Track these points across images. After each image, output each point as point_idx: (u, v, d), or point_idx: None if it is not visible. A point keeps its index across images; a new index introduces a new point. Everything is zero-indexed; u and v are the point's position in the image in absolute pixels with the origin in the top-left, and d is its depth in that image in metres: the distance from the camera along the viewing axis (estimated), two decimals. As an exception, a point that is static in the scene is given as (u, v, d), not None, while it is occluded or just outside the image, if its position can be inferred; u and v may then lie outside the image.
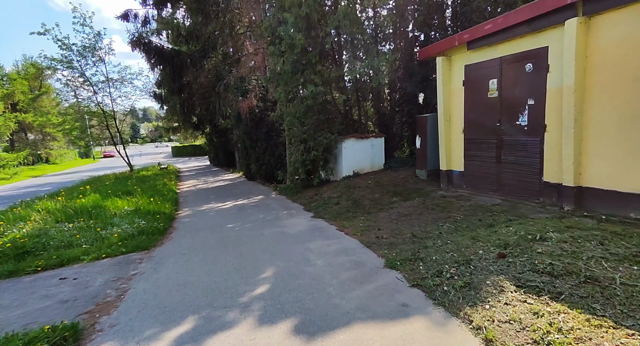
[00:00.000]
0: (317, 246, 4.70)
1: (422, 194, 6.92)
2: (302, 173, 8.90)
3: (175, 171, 20.11)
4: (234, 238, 5.40)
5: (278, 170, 11.49)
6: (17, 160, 24.18)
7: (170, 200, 8.80)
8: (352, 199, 7.17)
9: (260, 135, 11.58)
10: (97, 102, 16.52)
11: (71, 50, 14.86)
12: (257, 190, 10.91)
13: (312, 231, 5.53)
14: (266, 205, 8.18)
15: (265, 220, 6.62)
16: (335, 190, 8.24)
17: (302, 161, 8.79)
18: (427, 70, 10.24)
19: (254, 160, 12.10)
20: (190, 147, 42.81)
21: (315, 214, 6.72)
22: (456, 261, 3.38)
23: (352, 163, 9.37)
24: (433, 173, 8.01)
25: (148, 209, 7.15)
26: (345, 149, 9.19)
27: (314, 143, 8.71)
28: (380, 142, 9.73)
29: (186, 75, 13.93)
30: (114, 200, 7.49)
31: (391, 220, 5.62)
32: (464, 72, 6.52)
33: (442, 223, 5.05)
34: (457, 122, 6.83)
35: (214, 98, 13.12)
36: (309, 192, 8.85)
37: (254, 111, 11.50)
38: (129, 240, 5.29)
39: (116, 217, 6.42)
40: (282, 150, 11.32)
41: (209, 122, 19.47)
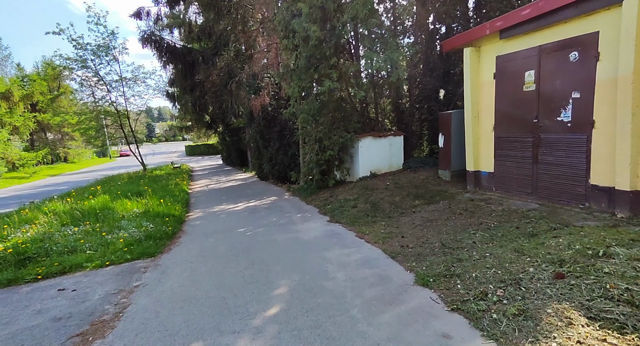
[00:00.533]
0: (335, 255, 4.26)
1: (447, 197, 6.38)
2: (316, 174, 8.47)
3: (188, 170, 20.06)
4: (245, 245, 5.03)
5: (291, 170, 11.11)
6: (36, 159, 24.73)
7: (181, 201, 8.54)
8: (371, 202, 6.69)
9: (273, 134, 11.22)
10: (111, 101, 16.58)
11: (85, 49, 14.91)
12: (270, 191, 10.56)
13: (329, 237, 5.09)
14: (279, 207, 7.80)
15: (278, 223, 6.23)
16: (352, 191, 7.78)
17: (316, 161, 8.37)
18: (449, 64, 9.65)
19: (267, 160, 11.76)
20: (203, 146, 43.06)
21: (331, 218, 6.28)
22: (502, 281, 2.88)
23: (369, 164, 8.88)
24: (458, 174, 7.45)
25: (157, 211, 6.88)
26: (362, 148, 8.71)
27: (329, 143, 8.27)
28: (398, 140, 9.20)
29: (198, 73, 13.73)
30: (123, 202, 7.26)
31: (415, 226, 5.13)
32: (495, 64, 5.94)
33: (474, 231, 4.52)
34: (486, 119, 6.25)
35: (226, 97, 12.85)
36: (324, 194, 8.42)
37: (267, 109, 11.14)
38: (135, 246, 4.99)
39: (124, 220, 6.16)
40: (295, 150, 10.93)
41: (222, 121, 19.30)
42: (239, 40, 13.17)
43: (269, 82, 10.98)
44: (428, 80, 9.40)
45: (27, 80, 28.69)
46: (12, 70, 29.30)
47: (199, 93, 13.43)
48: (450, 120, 7.37)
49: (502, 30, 5.67)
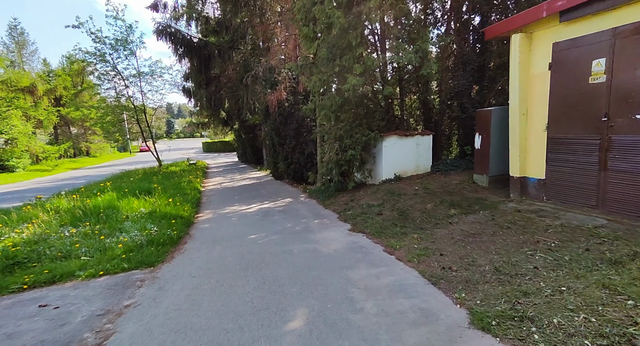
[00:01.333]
0: (361, 276, 3.56)
1: (488, 206, 5.54)
2: (336, 175, 7.78)
3: (203, 167, 19.82)
4: (256, 256, 4.40)
5: (308, 170, 10.46)
6: (59, 153, 25.25)
7: (192, 201, 8.05)
8: (398, 209, 5.93)
9: (290, 131, 10.62)
10: (128, 95, 16.48)
11: (104, 43, 14.80)
12: (285, 192, 9.95)
13: (352, 251, 4.40)
14: (294, 211, 7.16)
15: (293, 230, 5.58)
16: (375, 196, 7.04)
17: (336, 161, 7.67)
18: (484, 58, 8.72)
19: (282, 159, 11.17)
20: (220, 143, 43.20)
21: (353, 226, 5.57)
22: (602, 335, 2.10)
23: (394, 165, 8.10)
24: (497, 179, 6.58)
25: (165, 212, 6.39)
26: (386, 148, 7.94)
27: (350, 141, 7.56)
28: (427, 140, 8.37)
29: (214, 68, 13.30)
30: (129, 200, 6.82)
31: (454, 241, 4.35)
32: (551, 52, 5.05)
33: (531, 252, 3.72)
34: (537, 117, 5.37)
35: (242, 92, 12.35)
36: (343, 197, 7.71)
37: (283, 105, 10.54)
38: (135, 252, 4.47)
39: (128, 221, 5.69)
40: (312, 149, 10.28)
41: (237, 117, 18.92)
42: (256, 33, 12.63)
43: (286, 76, 10.36)
44: (461, 75, 8.50)
45: (52, 75, 29.43)
46: (38, 65, 30.16)
47: (214, 88, 13.01)
48: (490, 119, 6.50)
49: (562, 12, 4.78)
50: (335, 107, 7.30)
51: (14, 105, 20.63)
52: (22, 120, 22.02)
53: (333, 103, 7.25)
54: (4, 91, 22.34)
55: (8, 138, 21.00)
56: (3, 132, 20.37)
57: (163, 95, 19.10)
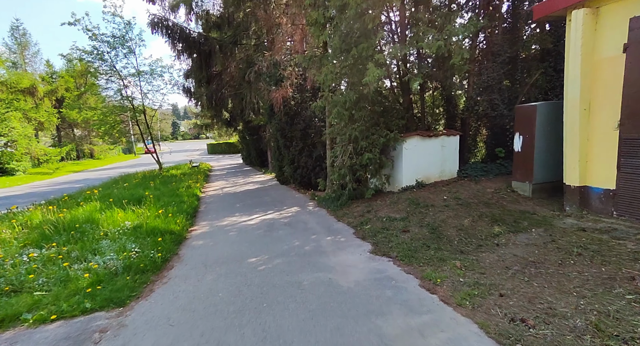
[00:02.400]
0: (398, 330, 2.59)
1: (539, 222, 4.52)
2: (350, 182, 6.80)
3: (206, 170, 19.02)
4: (256, 291, 3.45)
5: (316, 174, 9.51)
6: (60, 155, 24.72)
7: (187, 211, 7.14)
8: (428, 225, 4.93)
9: (296, 132, 9.69)
10: (127, 95, 15.75)
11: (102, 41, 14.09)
12: (291, 199, 9.01)
13: (379, 285, 3.42)
14: (302, 224, 6.20)
15: (302, 251, 4.63)
16: (397, 207, 6.05)
17: (350, 166, 6.70)
18: (516, 48, 7.69)
19: (288, 162, 10.24)
20: (224, 144, 42.61)
21: (374, 247, 4.59)
22: None
23: (416, 170, 7.10)
24: (543, 188, 5.55)
25: (152, 226, 5.49)
26: (407, 151, 6.94)
27: (366, 143, 6.58)
28: (453, 142, 7.34)
29: (215, 65, 12.45)
30: (113, 213, 5.94)
31: (512, 273, 3.35)
32: (627, 30, 4.02)
33: (630, 294, 2.70)
34: (604, 112, 4.33)
35: (245, 90, 11.47)
36: (358, 207, 6.73)
37: (289, 103, 9.62)
38: (105, 284, 3.56)
39: (106, 239, 4.79)
40: (321, 151, 9.33)
41: (241, 118, 18.10)
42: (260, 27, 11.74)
43: (293, 71, 9.43)
44: (490, 67, 7.47)
45: (55, 77, 29.00)
46: (41, 66, 29.79)
47: (215, 86, 12.17)
48: (535, 116, 5.47)
49: (644, -22, 3.76)
50: (350, 104, 6.34)
51: (14, 107, 20.09)
52: (22, 122, 21.49)
53: (347, 100, 6.29)
54: (4, 93, 21.87)
55: (7, 141, 20.47)
56: (2, 134, 19.84)
57: (164, 95, 18.35)
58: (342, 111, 6.32)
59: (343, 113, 6.38)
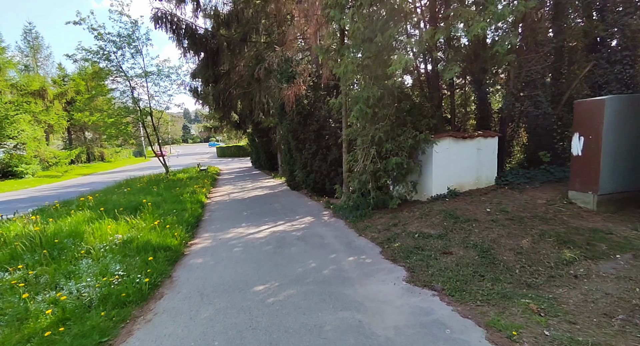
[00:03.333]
0: None
1: (621, 246, 3.55)
2: (372, 190, 5.93)
3: (214, 174, 18.42)
4: (263, 338, 2.61)
5: (331, 180, 8.66)
6: (69, 158, 24.57)
7: (188, 221, 6.38)
8: (475, 246, 4.01)
9: (309, 134, 8.88)
10: (133, 96, 15.30)
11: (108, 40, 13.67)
12: (303, 206, 8.18)
13: (428, 336, 2.53)
14: (318, 238, 5.35)
15: (320, 277, 3.77)
16: (429, 220, 5.14)
17: (373, 171, 5.83)
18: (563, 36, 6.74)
19: (300, 166, 9.43)
20: (234, 147, 42.23)
21: (410, 273, 3.70)
22: None
23: (447, 176, 6.18)
24: (612, 199, 4.57)
25: (146, 240, 4.73)
26: (438, 155, 6.03)
27: (392, 145, 5.72)
28: (491, 144, 6.40)
29: (223, 63, 11.79)
30: (103, 224, 5.20)
31: (619, 326, 2.41)
32: None
33: None
34: None
35: (254, 88, 10.75)
36: (382, 218, 5.85)
37: (302, 102, 8.83)
38: (72, 322, 2.78)
39: (88, 258, 4.03)
40: (336, 154, 8.48)
41: (250, 120, 17.45)
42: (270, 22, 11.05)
43: (306, 67, 8.65)
44: (534, 58, 6.53)
45: (67, 79, 29.06)
46: (53, 69, 29.96)
47: (223, 85, 11.52)
48: (602, 112, 4.51)
49: None
50: (373, 101, 5.48)
51: (23, 109, 19.95)
52: (32, 124, 21.36)
53: (370, 96, 5.44)
54: (15, 95, 21.83)
55: (17, 143, 20.33)
56: (11, 137, 19.70)
57: (171, 96, 17.89)
58: (365, 109, 5.47)
59: (365, 112, 5.53)
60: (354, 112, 5.54)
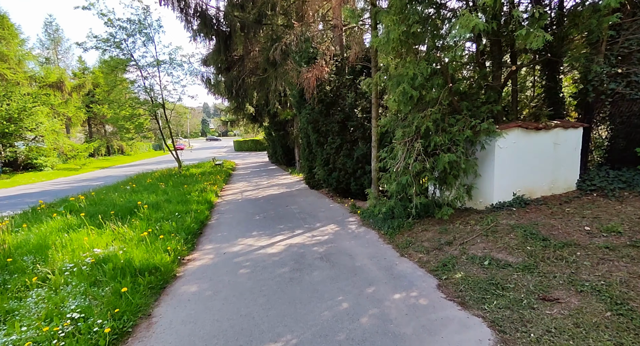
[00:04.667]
0: None
1: None
2: (416, 195, 4.62)
3: (229, 169, 17.56)
4: None
5: (357, 180, 7.40)
6: (88, 151, 24.49)
7: (188, 229, 5.33)
8: (597, 290, 2.65)
9: (332, 125, 7.64)
10: (145, 86, 14.56)
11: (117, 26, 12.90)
12: (325, 210, 6.99)
13: None
14: (347, 258, 4.15)
15: (357, 331, 2.57)
16: (498, 238, 3.80)
17: (416, 171, 4.53)
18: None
19: (321, 163, 8.21)
20: (251, 141, 41.64)
21: (496, 333, 2.41)
22: None
23: (514, 178, 4.79)
24: None
25: (128, 258, 3.68)
26: (502, 151, 4.64)
27: (444, 138, 4.39)
28: (572, 137, 4.94)
29: (236, 48, 10.67)
30: (81, 234, 4.21)
31: None
32: None
33: None
34: None
35: (269, 75, 9.59)
36: (427, 232, 4.56)
37: (324, 89, 7.58)
38: None
39: (43, 286, 3.01)
40: (364, 150, 7.20)
41: (267, 113, 16.38)
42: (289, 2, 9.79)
43: (329, 48, 7.36)
44: (633, 25, 4.95)
45: (87, 72, 29.03)
46: (73, 62, 30.02)
47: (236, 73, 10.45)
48: None
49: None
50: (421, 80, 4.16)
51: (41, 101, 19.77)
52: (50, 117, 21.25)
53: (418, 73, 4.11)
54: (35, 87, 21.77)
55: (35, 136, 20.25)
56: (30, 129, 19.60)
57: (184, 87, 17.09)
58: (410, 91, 4.15)
59: (410, 95, 4.20)
60: (395, 95, 4.22)
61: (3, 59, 19.65)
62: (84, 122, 29.48)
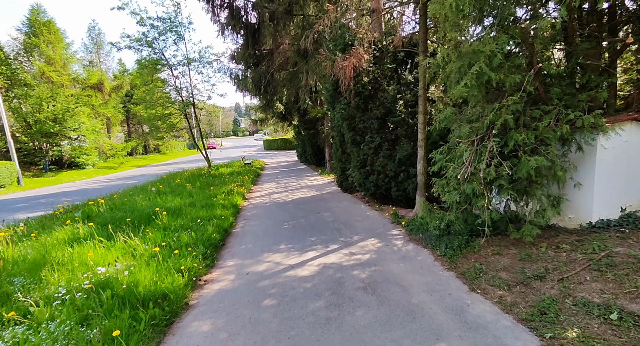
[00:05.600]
0: None
1: None
2: (489, 210, 3.59)
3: (258, 168, 17.16)
4: None
5: (400, 184, 6.41)
6: (125, 150, 25.41)
7: (209, 240, 4.68)
8: None
9: (371, 121, 6.70)
10: (176, 86, 14.50)
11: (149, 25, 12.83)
12: (362, 218, 6.09)
13: None
14: (398, 289, 3.24)
15: None
16: (622, 276, 2.70)
17: (494, 178, 3.49)
18: None
19: (357, 164, 7.31)
20: (280, 140, 41.57)
21: None
22: None
23: (623, 189, 3.62)
24: None
25: (134, 281, 3.05)
26: (606, 152, 3.49)
27: (527, 136, 3.32)
28: None
29: (265, 43, 10.04)
30: (85, 248, 3.66)
31: None
32: None
33: None
34: None
35: (300, 67, 8.82)
36: (500, 256, 3.52)
37: (361, 80, 6.67)
38: None
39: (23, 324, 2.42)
40: (408, 150, 6.19)
41: (296, 110, 15.71)
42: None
43: (367, 33, 6.41)
44: None
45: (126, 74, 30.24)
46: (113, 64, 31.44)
47: (265, 68, 9.82)
48: None
49: None
50: (500, 58, 3.13)
51: (82, 102, 20.67)
52: (91, 117, 22.20)
53: (497, 50, 3.09)
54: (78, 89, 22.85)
55: (78, 135, 21.21)
56: (73, 129, 20.54)
57: (213, 85, 16.94)
58: (487, 72, 3.13)
59: (487, 77, 3.18)
60: (467, 78, 3.21)
61: (50, 62, 20.74)
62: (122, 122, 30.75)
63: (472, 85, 3.20)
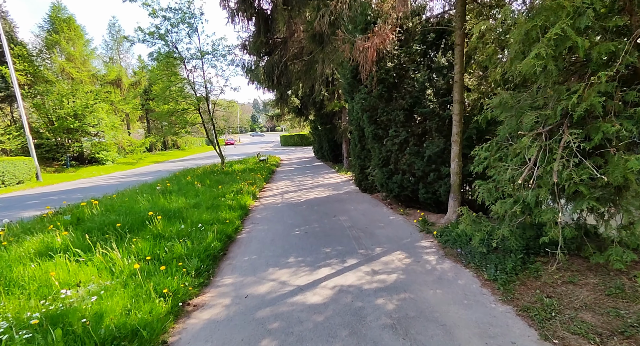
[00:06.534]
0: None
1: None
2: (563, 227, 2.69)
3: (273, 165, 16.57)
4: None
5: (429, 186, 5.51)
6: (144, 146, 25.56)
7: (206, 251, 4.02)
8: None
9: (395, 113, 5.84)
10: (189, 80, 14.09)
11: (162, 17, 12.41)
12: (384, 225, 5.26)
13: None
14: (438, 331, 2.42)
15: None
16: None
17: (576, 183, 2.59)
18: None
19: (379, 162, 6.45)
20: (297, 136, 41.05)
21: None
22: None
23: None
24: None
25: (99, 313, 2.39)
26: None
27: (627, 125, 2.39)
28: None
29: (278, 30, 9.29)
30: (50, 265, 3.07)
31: None
32: None
33: None
34: None
35: (315, 54, 8.01)
36: (578, 287, 2.63)
37: (384, 66, 5.79)
38: None
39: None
40: (440, 145, 5.27)
41: (312, 104, 14.94)
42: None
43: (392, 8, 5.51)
44: None
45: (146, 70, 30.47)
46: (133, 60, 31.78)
47: (277, 57, 9.08)
48: None
49: None
50: (590, 20, 2.21)
51: (101, 98, 20.80)
52: (110, 113, 22.36)
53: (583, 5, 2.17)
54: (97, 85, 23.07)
55: (97, 131, 21.42)
56: (93, 125, 20.73)
57: (226, 79, 16.39)
58: (573, 37, 2.22)
59: (573, 43, 2.28)
60: (540, 46, 2.31)
61: (70, 59, 20.96)
62: (141, 118, 31.05)
63: (549, 55, 2.30)
